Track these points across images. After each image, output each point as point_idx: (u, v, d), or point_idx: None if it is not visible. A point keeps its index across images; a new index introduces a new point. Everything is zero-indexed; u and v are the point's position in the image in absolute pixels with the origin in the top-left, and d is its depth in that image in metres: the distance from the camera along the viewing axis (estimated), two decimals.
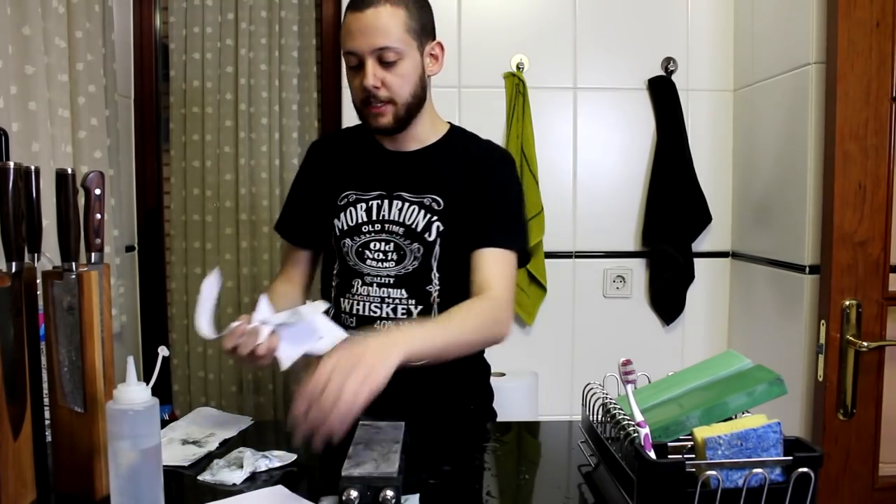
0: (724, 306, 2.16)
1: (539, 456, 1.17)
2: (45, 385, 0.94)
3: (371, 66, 1.15)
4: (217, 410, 1.28)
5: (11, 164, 0.87)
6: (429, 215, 1.23)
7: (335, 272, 1.31)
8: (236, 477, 0.96)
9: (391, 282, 1.24)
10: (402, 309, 1.24)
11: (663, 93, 2.07)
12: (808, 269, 1.66)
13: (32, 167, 0.92)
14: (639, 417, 0.83)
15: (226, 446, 1.10)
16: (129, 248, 2.13)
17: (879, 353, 1.55)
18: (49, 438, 0.96)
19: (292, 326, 1.05)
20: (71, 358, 0.89)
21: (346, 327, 1.23)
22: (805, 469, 0.77)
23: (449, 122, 1.35)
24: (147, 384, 0.84)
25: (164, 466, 0.88)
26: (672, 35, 2.10)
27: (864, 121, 1.52)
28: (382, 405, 1.19)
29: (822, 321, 1.58)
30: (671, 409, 0.91)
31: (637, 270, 2.14)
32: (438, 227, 1.23)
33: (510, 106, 2.06)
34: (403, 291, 1.24)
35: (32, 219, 0.91)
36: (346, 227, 1.26)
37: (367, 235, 1.25)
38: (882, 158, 1.53)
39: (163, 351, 0.92)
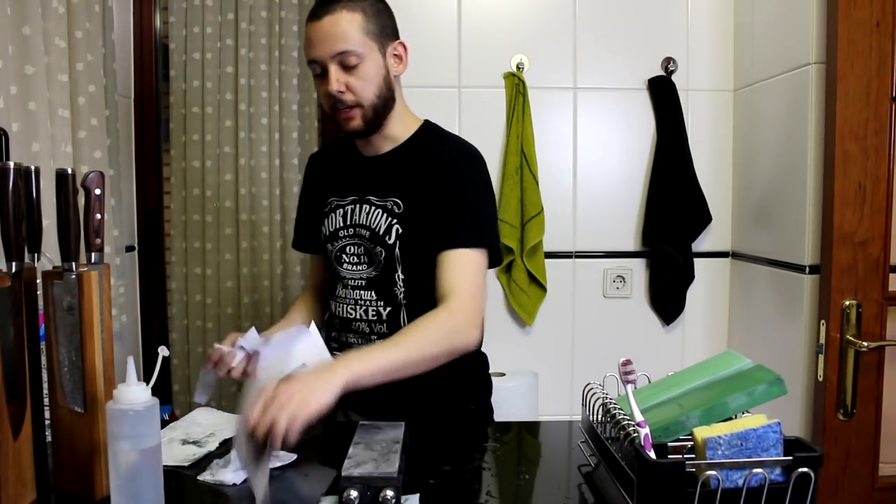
0: (723, 306, 2.16)
1: (539, 456, 1.17)
2: (45, 385, 0.94)
3: (333, 71, 1.18)
4: (217, 410, 1.27)
5: (11, 164, 0.87)
6: (390, 218, 1.25)
7: (328, 277, 1.38)
8: (236, 477, 0.96)
9: (363, 284, 1.28)
10: (373, 311, 1.27)
11: (663, 93, 2.07)
12: (808, 269, 1.66)
13: (32, 167, 0.92)
14: (639, 417, 0.83)
15: (226, 446, 1.10)
16: (129, 248, 2.13)
17: (879, 353, 1.55)
18: (49, 438, 0.96)
19: (271, 350, 1.08)
20: (71, 358, 0.89)
21: (333, 329, 1.33)
22: (805, 469, 0.77)
23: (424, 120, 1.35)
24: (147, 384, 0.84)
25: (164, 466, 0.88)
26: (672, 35, 2.09)
27: (864, 121, 1.52)
28: (383, 405, 1.21)
29: (822, 321, 1.58)
30: (671, 409, 0.91)
31: (637, 270, 2.14)
32: (398, 229, 1.23)
33: (510, 106, 2.06)
34: (373, 293, 1.27)
35: (32, 219, 0.91)
36: (327, 233, 1.31)
37: (344, 240, 1.30)
38: (882, 158, 1.53)
39: (163, 351, 0.92)
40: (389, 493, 0.84)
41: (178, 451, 1.06)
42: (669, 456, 0.85)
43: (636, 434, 0.82)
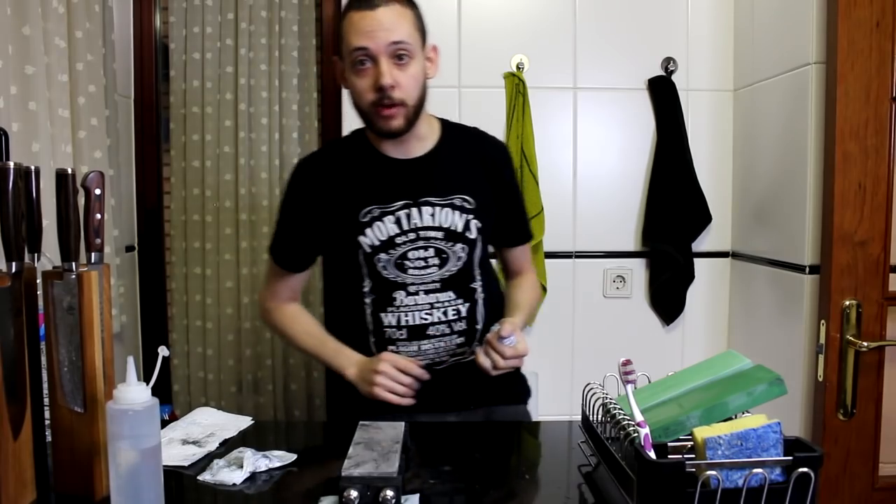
0: (724, 306, 2.16)
1: (539, 456, 1.17)
2: (45, 385, 0.94)
3: (386, 63, 1.15)
4: (217, 410, 1.27)
5: (11, 164, 0.87)
6: (465, 215, 1.26)
7: (367, 288, 1.27)
8: (236, 477, 0.96)
9: (438, 286, 1.26)
10: (453, 311, 1.27)
11: (663, 93, 2.07)
12: (808, 269, 1.66)
13: (32, 167, 0.92)
14: (639, 417, 0.83)
15: (226, 446, 1.10)
16: (129, 248, 2.13)
17: (879, 353, 1.55)
18: (49, 438, 0.96)
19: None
20: (71, 358, 0.89)
21: (394, 340, 1.27)
22: (805, 469, 0.77)
23: (437, 118, 1.34)
24: (147, 384, 0.84)
25: (164, 466, 0.88)
26: (672, 35, 2.09)
27: (864, 121, 1.52)
28: (435, 396, 1.27)
29: (822, 321, 1.58)
30: (671, 409, 0.91)
31: (637, 270, 2.14)
32: (477, 224, 1.27)
33: (510, 106, 2.06)
34: (451, 293, 1.27)
35: (32, 219, 0.91)
36: (377, 242, 1.24)
37: (404, 246, 1.25)
38: (882, 158, 1.53)
39: (163, 351, 0.92)
40: (389, 493, 0.84)
41: (178, 451, 1.06)
42: (669, 456, 0.85)
43: (636, 434, 0.82)
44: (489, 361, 1.17)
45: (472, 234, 1.27)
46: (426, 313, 1.25)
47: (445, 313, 1.26)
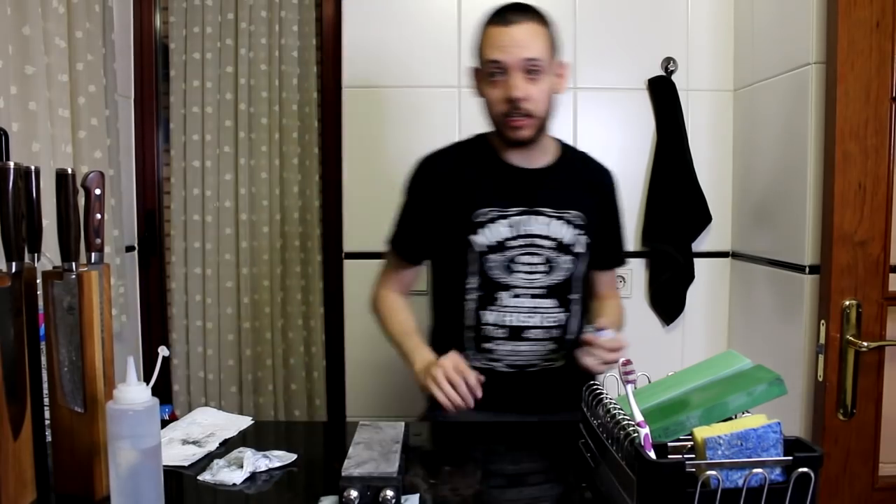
0: (724, 306, 2.16)
1: (539, 456, 1.17)
2: (45, 385, 0.94)
3: (517, 77, 1.23)
4: (217, 410, 1.28)
5: (11, 164, 0.87)
6: (575, 230, 1.34)
7: (472, 286, 1.33)
8: (236, 477, 0.96)
9: (543, 292, 1.32)
10: (551, 318, 1.33)
11: (663, 93, 2.07)
12: (808, 269, 1.66)
13: (32, 167, 0.92)
14: (639, 417, 0.83)
15: (226, 446, 1.10)
16: (129, 248, 2.13)
17: (879, 353, 1.54)
18: (49, 438, 0.96)
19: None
20: (71, 358, 0.90)
21: (492, 338, 1.33)
22: (805, 469, 0.77)
23: (554, 138, 1.42)
24: (147, 384, 0.84)
25: (164, 466, 0.88)
26: (672, 35, 2.09)
27: (864, 121, 1.52)
28: (523, 398, 1.34)
29: (822, 321, 1.58)
30: (671, 409, 0.91)
31: (637, 270, 2.13)
32: (585, 240, 1.35)
33: None
34: (554, 301, 1.33)
35: (32, 219, 0.91)
36: (490, 243, 1.31)
37: (515, 250, 1.31)
38: (882, 158, 1.53)
39: (163, 351, 0.92)
40: (389, 493, 0.84)
41: (178, 451, 1.06)
42: (669, 456, 0.85)
43: (636, 434, 0.82)
44: (594, 359, 1.19)
45: (580, 249, 1.34)
46: (527, 316, 1.31)
47: (544, 319, 1.32)
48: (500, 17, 1.26)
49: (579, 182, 1.39)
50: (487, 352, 1.33)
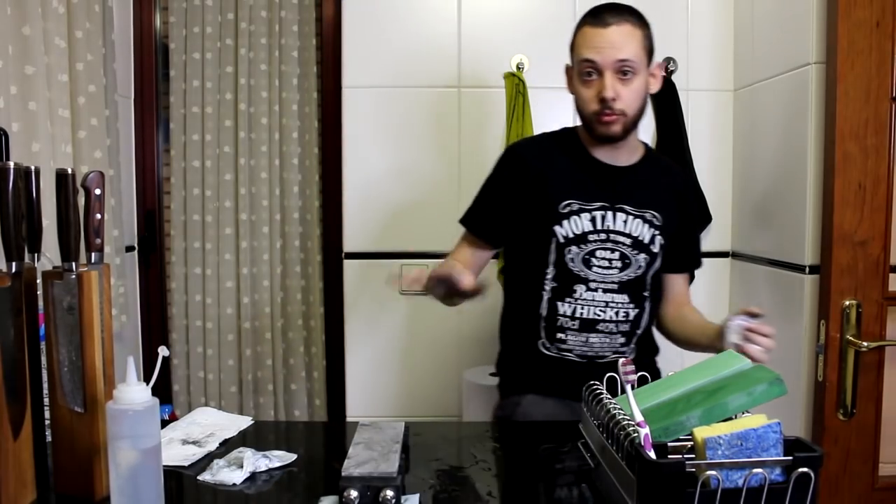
0: (724, 306, 2.15)
1: (539, 456, 1.17)
2: (45, 385, 0.94)
3: (610, 78, 1.26)
4: (217, 410, 1.28)
5: (11, 164, 0.87)
6: (652, 229, 1.35)
7: (549, 276, 1.35)
8: (236, 477, 0.96)
9: (616, 287, 1.34)
10: (623, 313, 1.34)
11: (663, 93, 2.06)
12: (808, 269, 1.66)
13: (32, 167, 0.92)
14: (639, 417, 0.83)
15: (226, 446, 1.10)
16: (129, 248, 2.13)
17: (879, 353, 1.54)
18: (49, 438, 0.96)
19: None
20: (71, 358, 0.89)
21: (564, 329, 1.34)
22: (805, 469, 0.77)
23: (640, 140, 1.43)
24: (147, 384, 0.84)
25: (164, 466, 0.88)
26: (672, 35, 2.09)
27: (864, 121, 1.52)
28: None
29: (822, 321, 1.58)
30: (671, 409, 0.91)
31: None
32: (661, 241, 1.36)
33: (510, 106, 2.06)
34: (626, 296, 1.34)
35: (32, 219, 0.91)
36: (571, 235, 1.32)
37: (594, 244, 1.32)
38: (882, 158, 1.53)
39: (163, 351, 0.92)
40: (389, 493, 0.84)
41: (178, 451, 1.06)
42: (669, 456, 0.85)
43: (636, 434, 0.82)
44: (756, 347, 1.14)
45: (656, 249, 1.36)
46: (600, 310, 1.33)
47: (617, 313, 1.34)
48: (597, 17, 1.29)
49: (660, 184, 1.41)
50: (560, 342, 1.34)
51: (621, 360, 0.91)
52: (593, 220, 1.33)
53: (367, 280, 2.15)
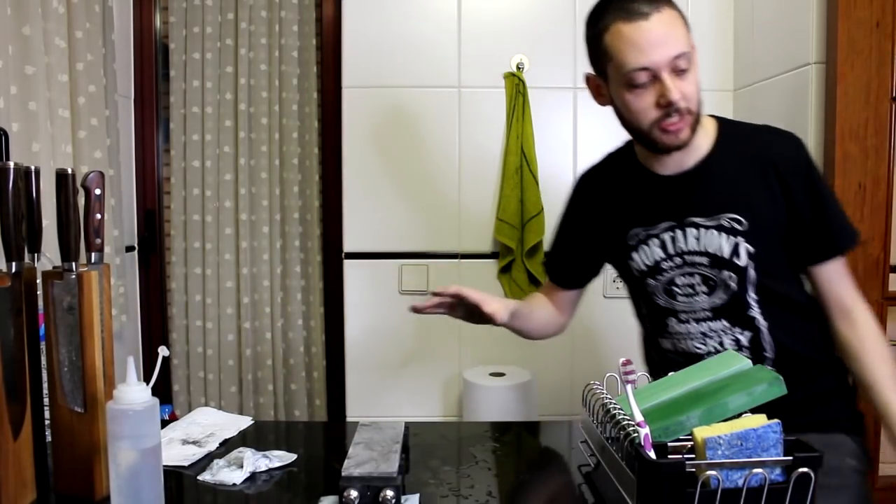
0: None
1: (539, 456, 1.17)
2: (45, 385, 0.94)
3: (669, 78, 1.03)
4: (217, 410, 1.28)
5: (11, 164, 0.87)
6: (732, 238, 1.09)
7: (644, 312, 1.24)
8: (236, 477, 0.96)
9: (709, 315, 1.13)
10: (730, 340, 1.13)
11: None
12: None
13: (32, 167, 0.92)
14: (639, 417, 0.83)
15: (226, 446, 1.10)
16: (129, 248, 2.13)
17: None
18: (49, 438, 0.96)
19: None
20: (71, 358, 0.89)
21: (676, 366, 1.08)
22: (805, 469, 0.77)
23: (713, 117, 1.20)
24: (147, 384, 0.84)
25: (164, 466, 0.88)
26: None
27: (864, 121, 1.52)
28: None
29: None
30: (671, 409, 0.91)
31: None
32: (748, 249, 1.09)
33: (510, 106, 2.06)
34: (725, 322, 1.13)
35: (32, 219, 0.91)
36: (644, 267, 1.16)
37: (670, 272, 1.14)
38: (882, 158, 1.53)
39: (163, 351, 0.92)
40: (389, 493, 0.84)
41: (178, 451, 1.06)
42: (669, 456, 0.85)
43: (636, 434, 0.82)
44: None
45: (741, 261, 1.09)
46: (699, 343, 1.14)
47: (722, 343, 1.13)
48: (630, 10, 1.02)
49: (742, 171, 1.12)
50: None
51: (621, 360, 0.91)
52: (663, 244, 1.14)
53: (367, 280, 2.15)
